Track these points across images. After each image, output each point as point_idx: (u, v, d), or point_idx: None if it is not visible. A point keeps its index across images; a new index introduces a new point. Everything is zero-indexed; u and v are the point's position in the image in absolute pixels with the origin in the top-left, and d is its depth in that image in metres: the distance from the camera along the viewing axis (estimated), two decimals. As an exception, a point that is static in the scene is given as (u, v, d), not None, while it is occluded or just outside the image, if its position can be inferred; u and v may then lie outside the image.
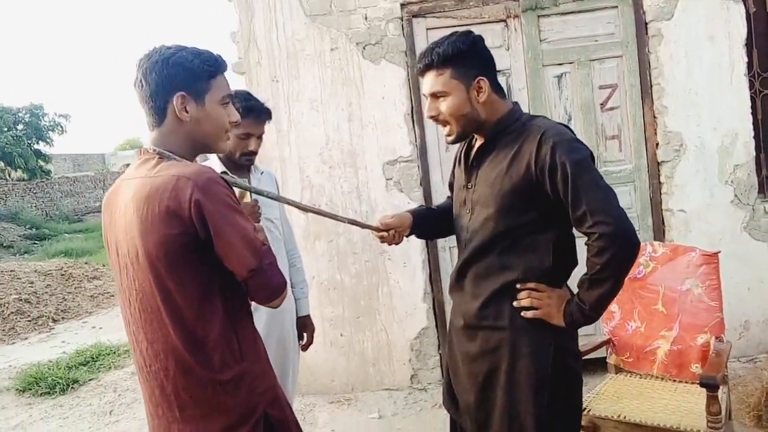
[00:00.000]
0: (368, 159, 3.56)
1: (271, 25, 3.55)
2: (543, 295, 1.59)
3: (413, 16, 3.50)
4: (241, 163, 2.29)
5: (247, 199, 2.07)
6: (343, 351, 3.66)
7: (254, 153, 2.30)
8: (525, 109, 3.45)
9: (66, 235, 16.56)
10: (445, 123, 1.66)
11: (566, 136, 1.56)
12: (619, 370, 2.69)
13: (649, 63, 3.46)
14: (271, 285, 1.39)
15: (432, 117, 1.67)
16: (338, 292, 3.63)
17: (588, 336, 3.31)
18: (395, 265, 3.58)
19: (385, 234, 1.86)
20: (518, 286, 1.61)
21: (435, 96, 1.63)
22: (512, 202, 1.58)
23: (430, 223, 1.98)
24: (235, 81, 3.82)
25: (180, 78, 1.39)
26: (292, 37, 3.54)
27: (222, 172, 2.31)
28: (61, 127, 23.05)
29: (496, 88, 1.64)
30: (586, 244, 1.53)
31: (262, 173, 2.44)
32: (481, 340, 1.67)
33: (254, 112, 2.24)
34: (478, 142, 1.71)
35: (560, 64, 3.50)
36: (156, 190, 1.31)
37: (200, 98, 1.42)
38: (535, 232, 1.60)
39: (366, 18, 3.51)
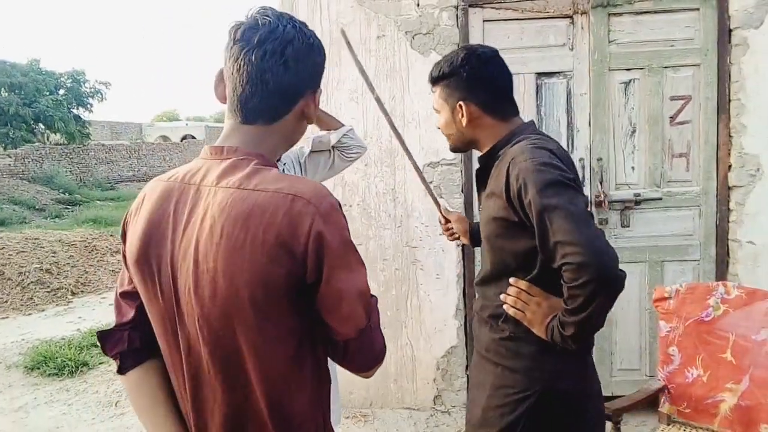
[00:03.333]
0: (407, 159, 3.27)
1: (315, 5, 3.26)
2: (533, 299, 1.45)
3: (470, 6, 3.17)
4: None
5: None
6: (364, 363, 3.40)
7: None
8: (585, 116, 3.18)
9: (98, 202, 16.71)
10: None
11: (537, 159, 1.37)
12: (671, 421, 2.40)
13: (730, 75, 3.09)
14: (374, 350, 1.09)
15: (438, 128, 1.70)
16: (364, 299, 3.36)
17: (639, 381, 3.01)
18: (427, 277, 3.30)
19: (450, 225, 2.03)
20: (511, 280, 1.48)
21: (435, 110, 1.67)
22: (497, 232, 1.49)
23: None
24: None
25: (321, 71, 1.12)
26: (336, 20, 3.25)
27: None
28: (101, 94, 23.33)
29: (493, 109, 1.56)
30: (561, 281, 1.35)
31: (284, 164, 2.36)
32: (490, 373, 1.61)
33: None
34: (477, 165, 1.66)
35: (629, 69, 3.15)
36: (261, 210, 0.96)
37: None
38: (521, 266, 1.48)
39: (418, 5, 3.20)
